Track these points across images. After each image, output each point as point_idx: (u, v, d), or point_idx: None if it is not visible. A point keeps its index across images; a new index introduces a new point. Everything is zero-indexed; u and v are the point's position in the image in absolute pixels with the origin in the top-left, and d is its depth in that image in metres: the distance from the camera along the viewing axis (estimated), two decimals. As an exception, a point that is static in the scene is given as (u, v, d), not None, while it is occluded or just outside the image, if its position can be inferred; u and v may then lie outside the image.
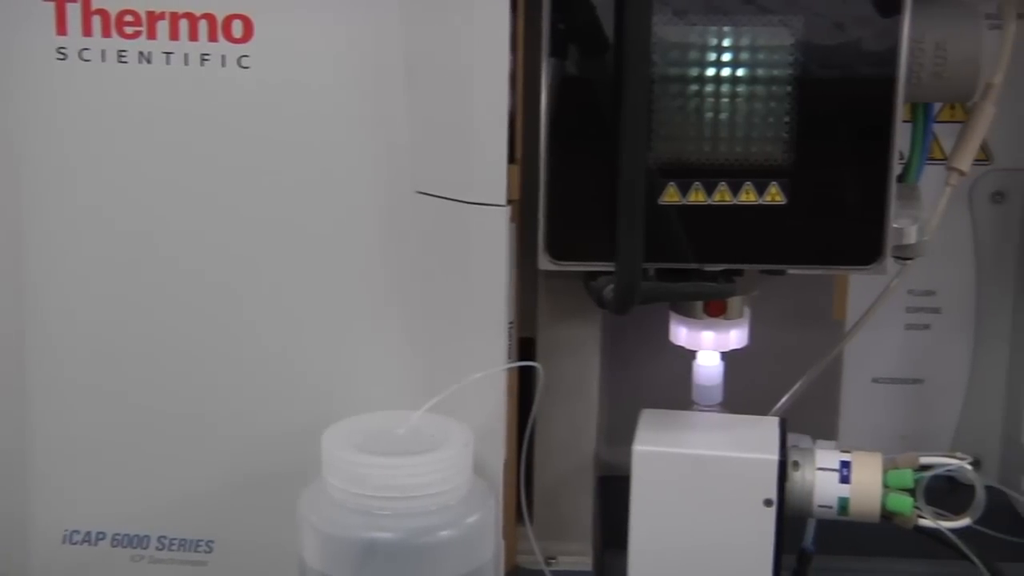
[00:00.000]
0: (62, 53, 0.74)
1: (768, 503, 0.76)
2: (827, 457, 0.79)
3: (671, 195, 0.74)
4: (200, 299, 0.77)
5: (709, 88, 0.73)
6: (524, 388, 0.81)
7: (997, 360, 0.90)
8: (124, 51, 0.74)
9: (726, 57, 0.73)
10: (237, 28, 0.74)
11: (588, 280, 0.77)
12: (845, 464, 0.78)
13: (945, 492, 0.79)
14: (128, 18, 0.74)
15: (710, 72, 0.73)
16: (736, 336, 0.83)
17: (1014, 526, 0.86)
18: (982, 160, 0.88)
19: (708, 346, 0.83)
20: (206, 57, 0.75)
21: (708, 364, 0.83)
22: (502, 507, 0.78)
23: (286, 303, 0.77)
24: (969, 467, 0.77)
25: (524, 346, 0.82)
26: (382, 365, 0.78)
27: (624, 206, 0.72)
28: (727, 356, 0.83)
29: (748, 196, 0.74)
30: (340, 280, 0.77)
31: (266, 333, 0.78)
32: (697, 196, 0.74)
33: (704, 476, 0.77)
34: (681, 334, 0.83)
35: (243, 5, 0.74)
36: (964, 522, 0.77)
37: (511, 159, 0.75)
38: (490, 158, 0.74)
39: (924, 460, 0.78)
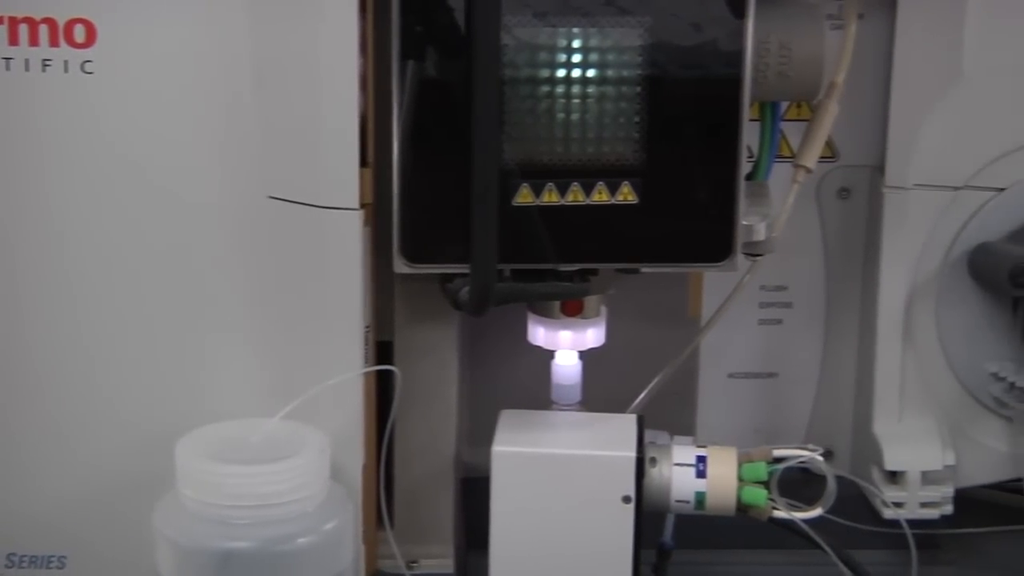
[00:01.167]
0: None
1: (626, 500, 0.77)
2: (683, 453, 0.80)
3: (524, 196, 0.75)
4: (48, 307, 0.76)
5: (559, 89, 0.74)
6: (382, 392, 0.80)
7: (847, 352, 0.92)
8: (-40, 57, 0.72)
9: (576, 58, 0.73)
10: (79, 33, 0.73)
11: (444, 282, 0.77)
12: (701, 459, 0.79)
13: (800, 483, 0.81)
14: (-36, 23, 0.72)
15: (560, 73, 0.73)
16: (593, 335, 0.83)
17: (866, 515, 0.88)
18: (828, 157, 0.89)
19: (566, 345, 0.83)
20: (48, 63, 0.73)
21: (566, 363, 0.84)
22: (361, 512, 0.78)
23: (138, 311, 0.76)
24: (821, 458, 0.79)
25: (381, 350, 0.82)
26: (237, 372, 0.77)
27: (477, 208, 0.72)
28: (585, 355, 0.84)
29: (601, 196, 0.75)
30: (192, 286, 0.76)
31: (118, 341, 0.76)
32: (550, 197, 0.75)
33: (563, 475, 0.78)
34: (539, 334, 0.83)
35: (85, 9, 0.72)
36: (816, 512, 0.79)
37: (363, 162, 0.75)
38: (341, 161, 0.74)
39: (777, 453, 0.79)
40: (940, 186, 0.87)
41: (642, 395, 0.84)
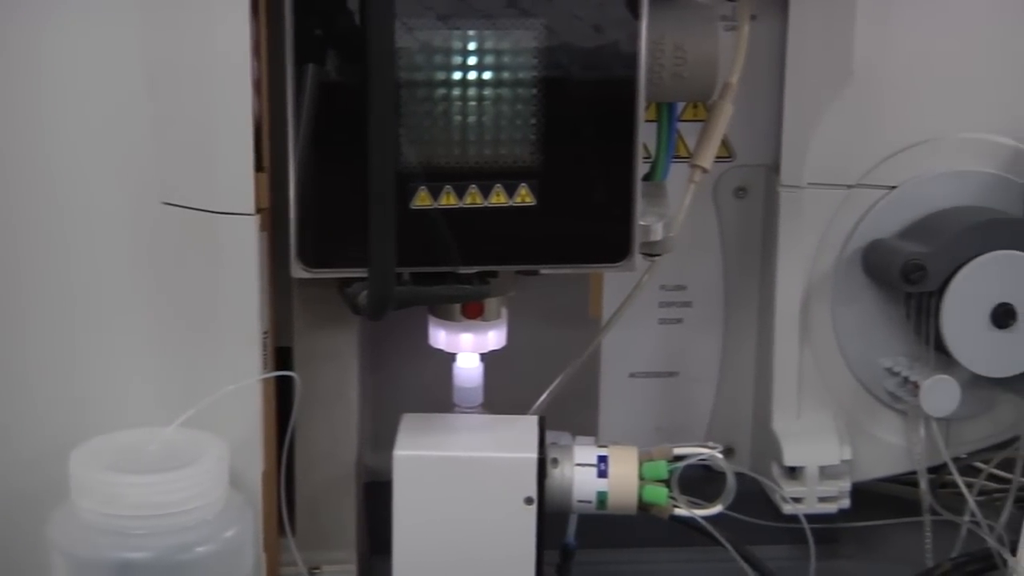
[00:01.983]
0: None
1: (529, 501, 0.77)
2: (585, 453, 0.80)
3: (422, 199, 0.75)
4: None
5: (456, 91, 0.74)
6: (282, 398, 0.80)
7: (746, 350, 0.93)
8: None
9: (471, 60, 0.73)
10: (-34, 36, 0.71)
11: (343, 287, 0.76)
12: (602, 459, 0.80)
13: (701, 481, 0.82)
14: None
15: (456, 75, 0.74)
16: (494, 337, 0.83)
17: (766, 510, 0.89)
18: (724, 157, 0.90)
19: (467, 348, 0.83)
20: (-67, 67, 0.72)
21: (467, 366, 0.84)
22: (262, 519, 0.77)
23: (31, 318, 0.75)
24: (720, 456, 0.80)
25: (281, 355, 0.81)
26: (133, 380, 0.76)
27: (375, 211, 0.72)
28: (486, 357, 0.84)
29: (498, 198, 0.75)
30: (87, 294, 0.75)
31: (10, 348, 0.75)
32: (448, 199, 0.75)
33: (465, 477, 0.78)
34: (440, 337, 0.83)
35: (-27, 10, 0.71)
36: (716, 509, 0.79)
37: (259, 167, 0.74)
38: (236, 166, 0.73)
39: (678, 451, 0.80)
40: (834, 184, 0.88)
41: (543, 396, 0.84)
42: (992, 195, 0.88)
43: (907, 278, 0.84)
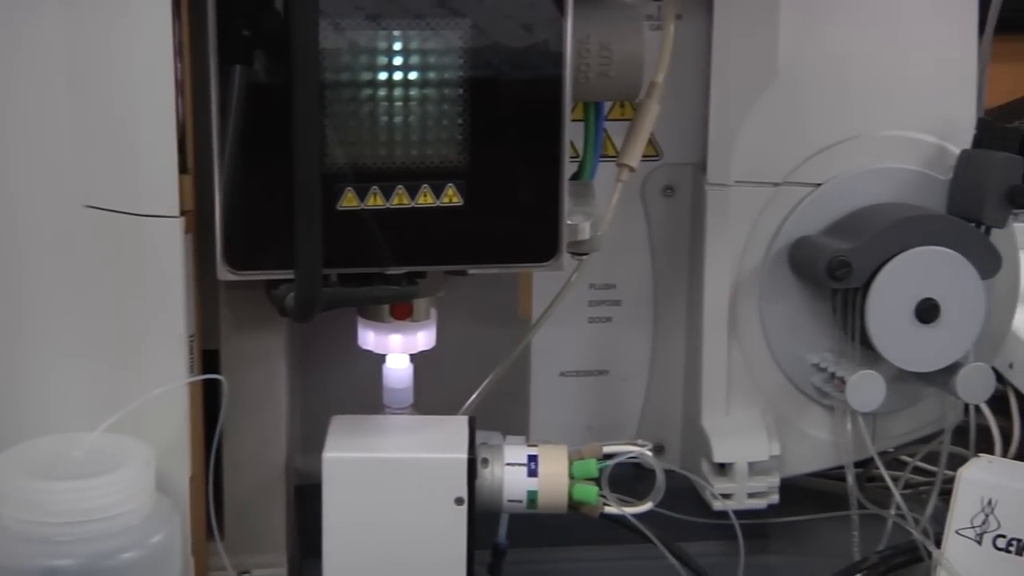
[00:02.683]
0: None
1: (459, 501, 0.77)
2: (515, 452, 0.80)
3: (349, 200, 0.74)
4: None
5: (381, 92, 0.73)
6: (210, 401, 0.79)
7: (675, 348, 0.93)
8: None
9: (396, 61, 0.73)
10: None
11: (270, 289, 0.76)
12: (532, 458, 0.80)
13: (632, 479, 0.82)
14: None
15: (381, 76, 0.73)
16: (424, 338, 0.83)
17: (697, 507, 0.89)
18: (652, 156, 0.91)
19: (396, 349, 0.83)
20: None
21: (397, 367, 0.84)
22: (189, 524, 0.76)
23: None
24: (649, 453, 0.80)
25: (208, 359, 0.80)
26: (57, 385, 0.75)
27: (300, 213, 0.71)
28: (416, 358, 0.84)
29: (426, 199, 0.75)
30: (9, 298, 0.74)
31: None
32: (375, 200, 0.75)
33: (395, 478, 0.77)
34: (369, 338, 0.83)
35: None
36: (646, 507, 0.80)
37: (183, 169, 0.74)
38: (160, 168, 0.73)
39: (607, 449, 0.80)
40: (760, 182, 0.89)
41: (473, 396, 0.84)
42: (915, 192, 0.89)
43: (832, 275, 0.85)
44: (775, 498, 0.90)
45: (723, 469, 0.90)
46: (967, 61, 0.89)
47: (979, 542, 0.78)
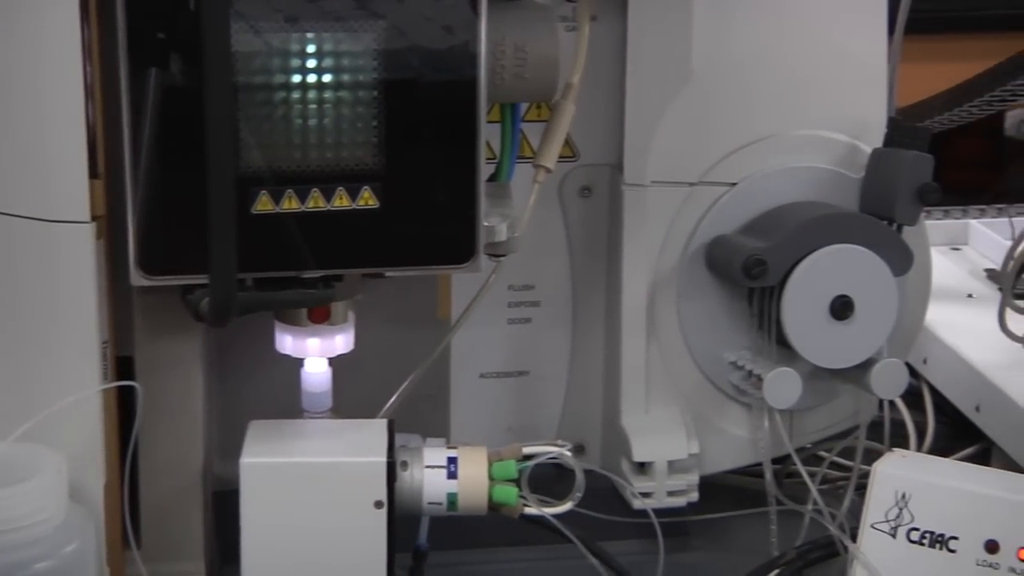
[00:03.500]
0: None
1: (379, 505, 0.77)
2: (434, 455, 0.80)
3: (264, 204, 0.74)
4: None
5: (295, 95, 0.73)
6: (124, 408, 0.78)
7: (594, 348, 0.93)
8: None
9: (310, 63, 0.73)
10: None
11: (185, 294, 0.75)
12: (452, 460, 0.80)
13: (553, 479, 0.82)
14: None
15: (295, 79, 0.73)
16: (342, 341, 0.83)
17: (618, 506, 0.90)
18: (569, 157, 0.91)
19: (314, 353, 0.83)
20: None
21: (315, 371, 0.84)
22: (104, 533, 0.75)
23: None
24: (569, 453, 0.80)
25: (122, 365, 0.79)
26: (-32, 395, 0.74)
27: (214, 217, 0.71)
28: (335, 361, 0.84)
29: (342, 201, 0.75)
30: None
31: None
32: (291, 204, 0.74)
33: (314, 483, 0.77)
34: (287, 343, 0.83)
35: None
36: (566, 507, 0.80)
37: (94, 174, 0.73)
38: (70, 173, 0.72)
39: (527, 450, 0.80)
40: (676, 182, 0.89)
41: (392, 399, 0.84)
42: (829, 190, 0.90)
43: (748, 273, 0.85)
44: (694, 496, 0.91)
45: (643, 468, 0.90)
46: (877, 61, 0.91)
47: (893, 535, 0.79)
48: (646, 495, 0.89)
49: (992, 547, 0.76)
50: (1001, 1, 1.93)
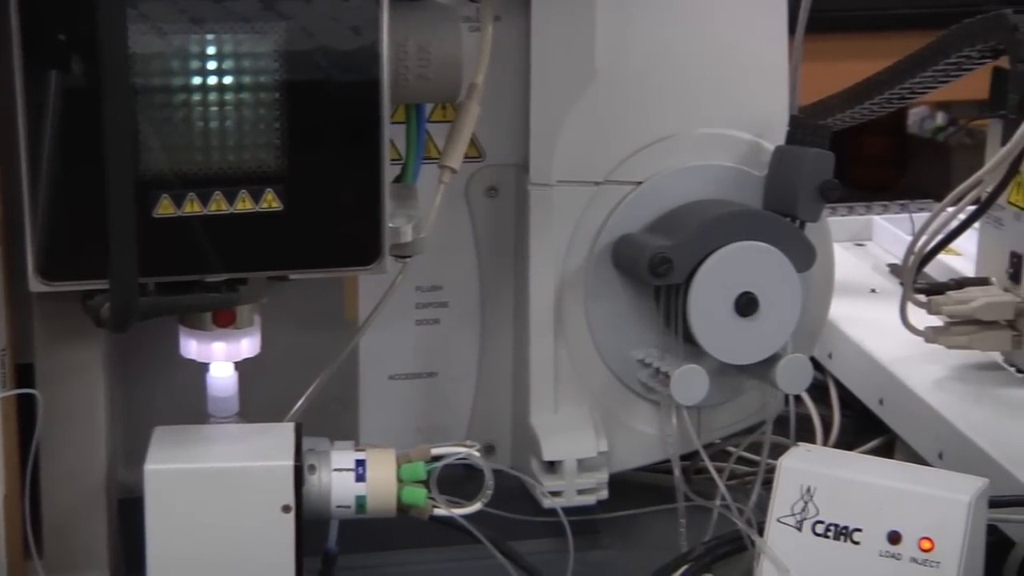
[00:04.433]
0: None
1: (286, 509, 0.76)
2: (342, 457, 0.80)
3: (165, 207, 0.73)
4: None
5: (196, 97, 0.72)
6: (25, 417, 0.77)
7: (503, 348, 0.93)
8: None
9: (210, 66, 0.72)
10: None
11: (85, 299, 0.74)
12: (360, 463, 0.79)
13: (463, 480, 0.82)
14: None
15: (195, 81, 0.72)
16: (248, 345, 0.82)
17: (528, 506, 0.90)
18: (475, 157, 0.91)
19: (220, 357, 0.82)
20: None
21: (221, 375, 0.83)
22: (5, 543, 0.74)
23: None
24: (477, 454, 0.80)
25: (22, 373, 0.78)
26: None
27: (114, 221, 0.70)
28: (241, 365, 0.83)
29: (244, 204, 0.74)
30: None
31: None
32: (193, 207, 0.73)
33: (220, 488, 0.76)
34: (191, 347, 0.82)
35: None
36: (475, 507, 0.80)
37: (-11, 178, 0.72)
38: (-37, 178, 0.71)
39: (435, 451, 0.80)
40: (582, 182, 0.90)
41: (300, 402, 0.83)
42: (733, 188, 0.91)
43: (654, 271, 0.86)
44: (604, 494, 0.91)
45: (552, 467, 0.90)
46: (778, 60, 0.92)
47: (799, 529, 0.80)
48: (556, 494, 0.89)
49: (894, 538, 0.77)
50: (902, 1, 1.97)
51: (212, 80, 0.72)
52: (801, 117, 0.92)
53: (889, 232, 1.30)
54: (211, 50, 0.72)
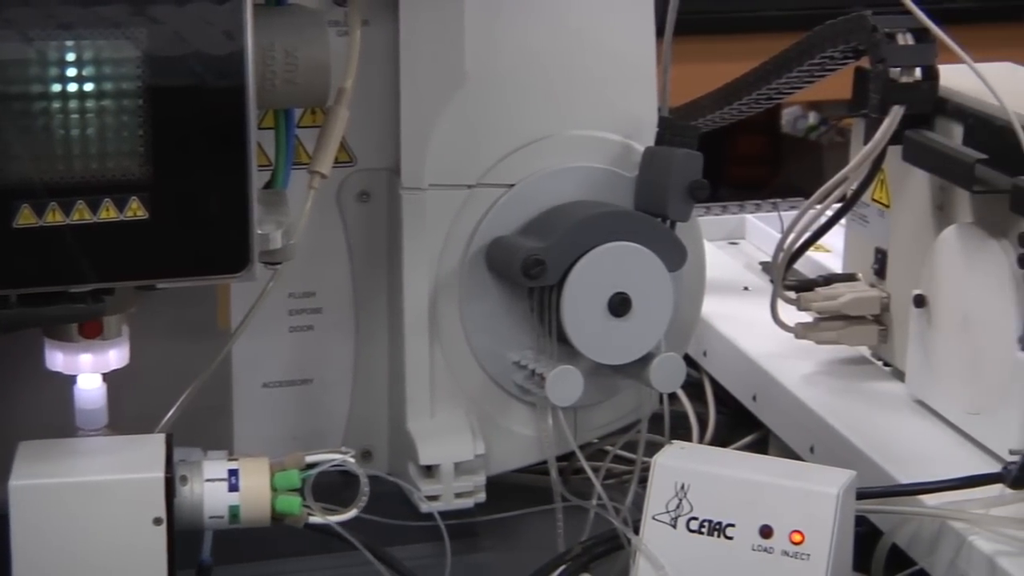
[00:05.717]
0: None
1: (157, 522, 0.75)
2: (215, 468, 0.79)
3: (26, 217, 0.71)
4: None
5: (56, 105, 0.71)
6: None
7: (378, 353, 0.93)
8: None
9: (71, 72, 0.71)
10: None
11: (-56, 313, 0.72)
12: (233, 472, 0.79)
13: (341, 487, 0.82)
14: None
15: (55, 88, 0.71)
16: (116, 356, 0.81)
17: (407, 511, 0.90)
18: (346, 162, 0.90)
19: (87, 369, 0.81)
20: None
21: (89, 387, 0.81)
22: None
23: None
24: (352, 460, 0.80)
25: None
26: None
27: (-29, 232, 0.68)
28: (109, 376, 0.81)
29: (109, 213, 0.73)
30: None
31: None
32: (55, 217, 0.72)
33: (89, 503, 0.75)
34: (57, 359, 0.80)
35: None
36: (351, 514, 0.80)
37: None
38: None
39: (310, 459, 0.80)
40: (455, 185, 0.90)
41: (171, 412, 0.82)
42: (604, 189, 0.92)
43: (527, 273, 0.86)
44: (482, 496, 0.91)
45: (430, 471, 0.90)
46: (647, 62, 0.93)
47: (674, 526, 0.80)
48: (433, 498, 0.89)
49: (766, 532, 0.78)
50: (769, 3, 2.00)
51: (72, 87, 0.71)
52: (670, 118, 0.93)
53: (761, 230, 1.32)
54: (71, 56, 0.71)
